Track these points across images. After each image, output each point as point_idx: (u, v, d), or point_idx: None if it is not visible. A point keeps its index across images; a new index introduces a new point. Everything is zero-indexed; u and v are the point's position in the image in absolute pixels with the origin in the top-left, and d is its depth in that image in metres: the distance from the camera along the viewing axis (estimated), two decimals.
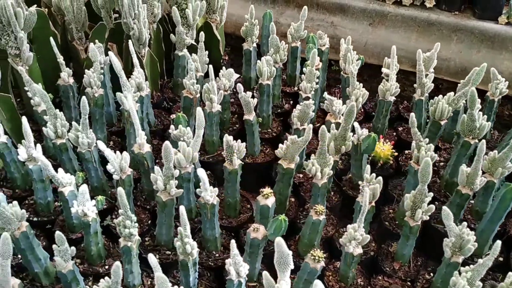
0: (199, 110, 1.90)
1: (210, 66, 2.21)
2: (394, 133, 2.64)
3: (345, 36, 3.47)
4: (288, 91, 2.86)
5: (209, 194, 1.83)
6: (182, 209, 1.59)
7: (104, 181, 2.20)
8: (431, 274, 2.03)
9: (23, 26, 2.20)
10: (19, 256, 1.86)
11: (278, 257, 1.42)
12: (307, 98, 2.37)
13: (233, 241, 1.57)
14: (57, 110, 2.06)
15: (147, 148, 2.05)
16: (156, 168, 1.84)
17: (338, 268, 1.98)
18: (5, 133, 2.09)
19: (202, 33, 2.46)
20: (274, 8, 3.58)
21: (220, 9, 2.77)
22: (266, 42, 2.87)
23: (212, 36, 2.85)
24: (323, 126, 1.90)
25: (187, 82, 2.32)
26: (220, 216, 2.17)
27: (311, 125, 1.88)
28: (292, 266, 1.45)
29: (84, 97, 1.91)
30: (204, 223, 1.96)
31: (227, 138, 1.96)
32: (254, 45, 2.70)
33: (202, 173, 1.73)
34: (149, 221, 2.14)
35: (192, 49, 2.65)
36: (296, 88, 2.88)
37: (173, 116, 2.22)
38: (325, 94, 2.23)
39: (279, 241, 1.40)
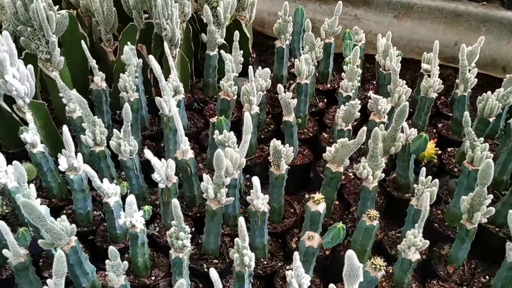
0: (247, 114, 1.83)
1: (250, 67, 2.13)
2: (434, 130, 2.57)
3: (369, 29, 3.41)
4: (321, 88, 2.78)
5: (261, 201, 1.77)
6: (241, 220, 1.52)
7: (144, 189, 2.13)
8: (487, 277, 1.97)
9: (54, 30, 2.12)
10: None
11: (349, 269, 1.37)
12: (348, 97, 2.30)
13: (296, 253, 1.50)
14: (95, 117, 1.99)
15: (190, 154, 1.98)
16: (206, 176, 1.77)
17: (392, 273, 1.92)
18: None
19: (236, 32, 2.39)
20: (295, 2, 3.49)
21: (250, 6, 2.69)
22: (297, 39, 2.80)
23: (241, 34, 2.75)
24: (376, 129, 1.83)
25: (225, 84, 2.25)
26: None
27: (364, 128, 1.81)
28: (361, 279, 1.39)
29: (127, 104, 1.84)
30: (253, 231, 1.90)
31: (275, 142, 1.89)
32: (287, 42, 2.61)
33: (256, 181, 1.66)
34: (193, 228, 2.08)
35: (220, 47, 2.57)
36: (329, 86, 2.80)
37: (213, 119, 2.15)
38: (370, 93, 2.15)
39: (351, 254, 1.35)
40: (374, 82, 2.80)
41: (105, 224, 2.06)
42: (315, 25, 3.56)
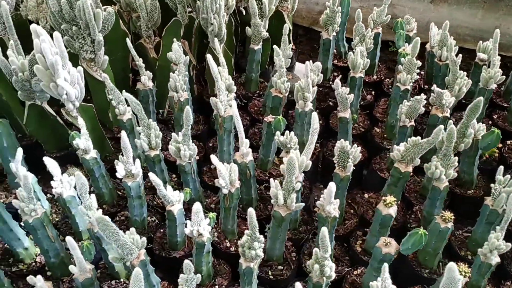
0: (314, 115, 1.73)
1: (308, 62, 2.03)
2: (490, 122, 2.46)
3: (404, 15, 3.29)
4: (367, 80, 2.67)
5: (333, 207, 1.68)
6: (325, 231, 1.44)
7: (200, 193, 2.05)
8: None
9: (101, 28, 2.02)
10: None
11: (448, 282, 1.28)
12: (406, 91, 2.20)
13: (385, 265, 1.42)
14: (150, 120, 1.89)
15: (250, 157, 1.89)
16: (274, 182, 1.68)
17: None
18: None
19: (286, 26, 2.27)
20: None
21: None
22: (342, 29, 2.69)
23: (282, 26, 2.64)
24: (452, 126, 1.74)
25: (278, 81, 2.15)
26: None
27: (441, 126, 1.71)
28: None
29: (188, 107, 1.75)
30: None
31: (343, 143, 1.80)
32: (334, 33, 2.50)
33: (333, 187, 1.57)
34: None
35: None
36: (375, 77, 2.70)
37: (268, 119, 2.04)
38: (434, 87, 2.05)
39: (453, 267, 1.26)
40: (423, 73, 2.69)
41: (161, 230, 1.99)
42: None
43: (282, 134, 1.93)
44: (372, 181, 2.25)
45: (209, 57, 1.85)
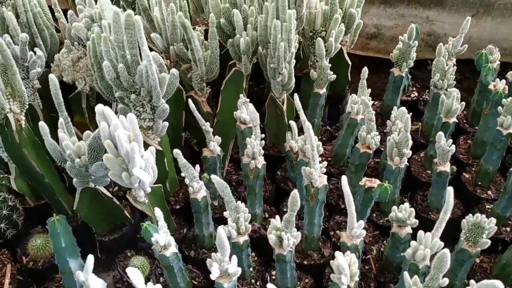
0: (450, 190, 1.44)
1: (407, 115, 1.74)
2: None
3: (443, 32, 3.07)
4: None
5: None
6: None
7: (296, 279, 1.75)
8: None
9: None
10: None
11: None
12: (509, 135, 1.93)
13: None
14: (239, 202, 1.59)
15: (361, 237, 1.60)
16: (412, 279, 1.39)
17: None
18: None
19: (365, 69, 1.99)
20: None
21: (354, 29, 2.28)
22: None
23: (340, 61, 2.37)
24: None
25: (368, 136, 1.86)
26: None
27: None
28: None
29: (295, 191, 1.44)
30: None
31: (478, 218, 1.52)
32: (407, 69, 2.23)
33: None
34: None
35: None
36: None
37: (369, 183, 1.73)
38: None
39: None
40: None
41: None
42: (380, 31, 3.22)
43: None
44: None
45: (308, 125, 1.55)
